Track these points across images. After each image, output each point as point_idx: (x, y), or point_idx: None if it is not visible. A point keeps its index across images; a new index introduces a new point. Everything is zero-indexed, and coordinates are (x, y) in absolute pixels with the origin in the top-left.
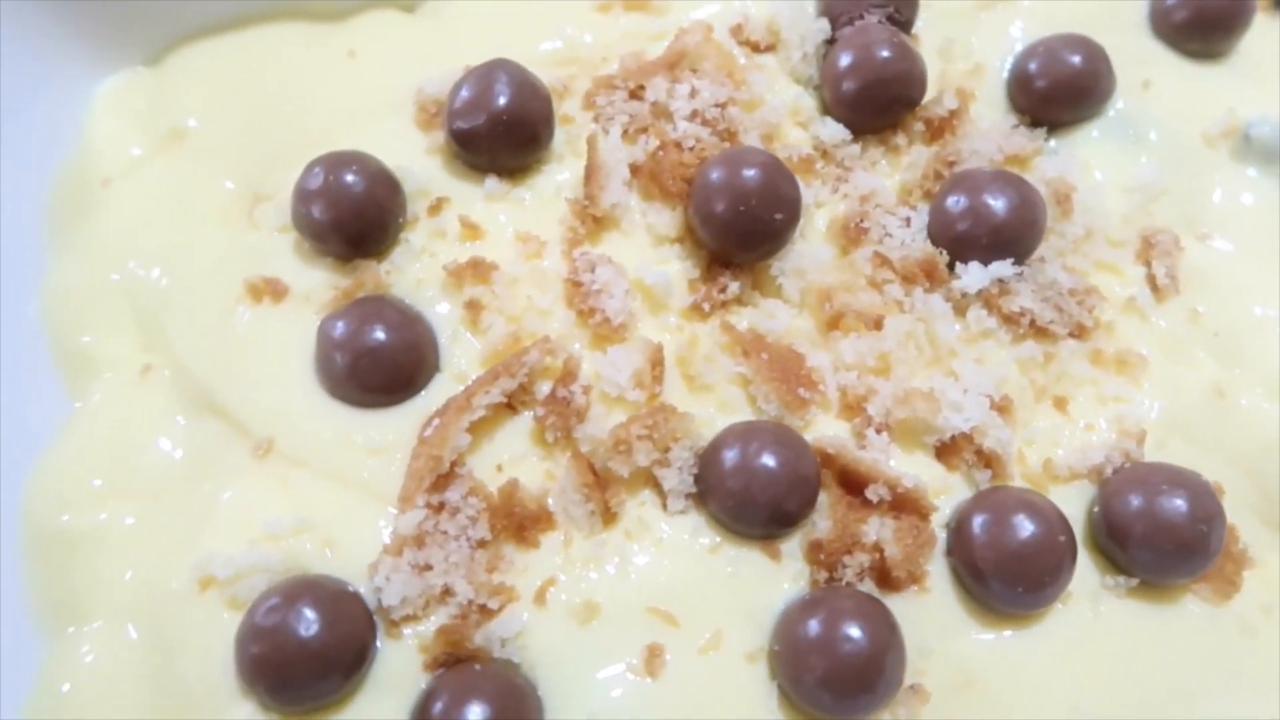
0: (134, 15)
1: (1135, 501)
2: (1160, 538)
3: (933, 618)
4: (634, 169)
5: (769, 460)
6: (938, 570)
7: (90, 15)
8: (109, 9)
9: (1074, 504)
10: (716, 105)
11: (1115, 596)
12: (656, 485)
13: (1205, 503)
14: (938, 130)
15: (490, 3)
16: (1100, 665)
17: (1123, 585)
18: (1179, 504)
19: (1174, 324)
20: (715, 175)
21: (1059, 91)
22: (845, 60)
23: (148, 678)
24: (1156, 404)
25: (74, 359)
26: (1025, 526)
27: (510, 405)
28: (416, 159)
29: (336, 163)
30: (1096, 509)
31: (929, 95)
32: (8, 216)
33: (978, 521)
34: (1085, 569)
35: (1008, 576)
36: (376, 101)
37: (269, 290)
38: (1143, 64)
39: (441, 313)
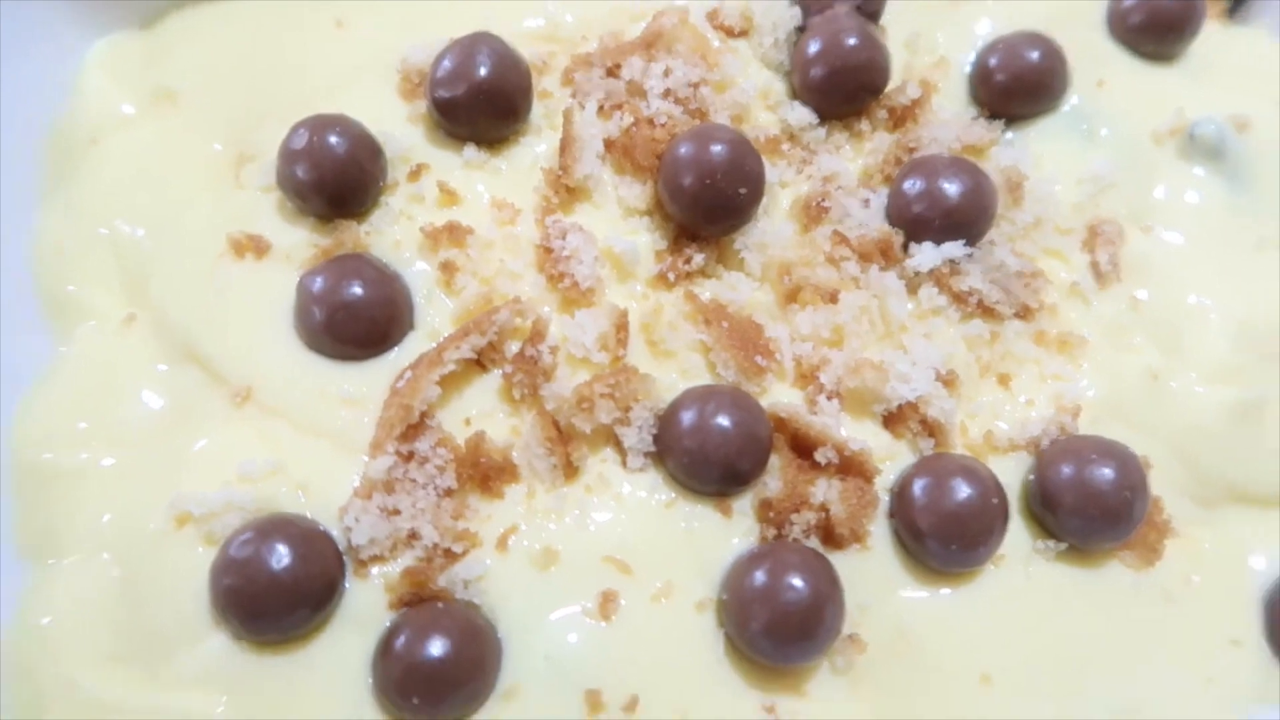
0: None
1: (1066, 470)
2: (1088, 504)
3: (873, 574)
4: (608, 143)
5: (724, 422)
6: (880, 531)
7: None
8: None
9: (1011, 473)
10: (689, 85)
11: (1045, 560)
12: (617, 443)
13: (1131, 472)
14: (900, 118)
15: None
16: (1029, 624)
17: (1052, 549)
18: (1106, 472)
19: (1115, 310)
20: (684, 150)
21: (1017, 85)
22: (814, 47)
23: (125, 610)
24: (1094, 384)
25: (59, 306)
26: (962, 489)
27: (480, 363)
28: (398, 125)
29: (320, 125)
30: (1031, 477)
31: (893, 84)
32: (2, 166)
33: (919, 484)
34: (1019, 534)
35: (943, 535)
36: (362, 69)
37: (252, 246)
38: (1099, 63)
39: (417, 272)
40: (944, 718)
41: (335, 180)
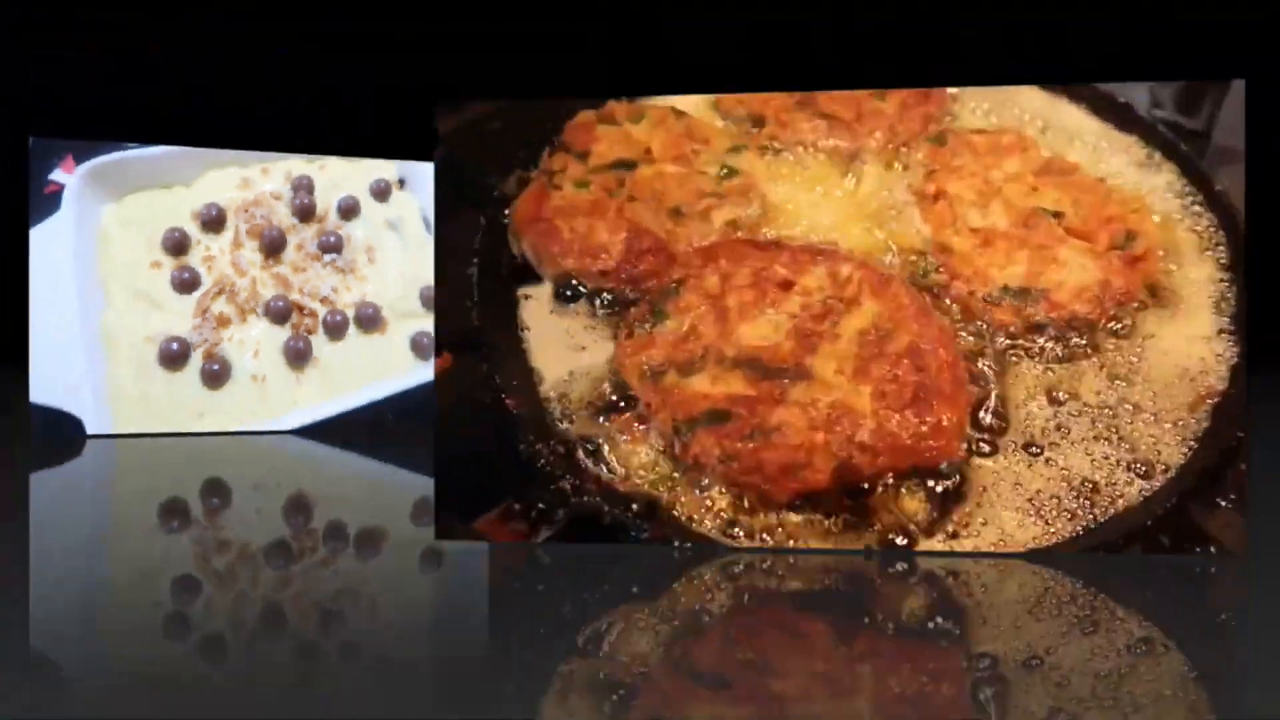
0: (112, 186)
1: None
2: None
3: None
4: (247, 230)
5: (280, 302)
6: None
7: (106, 185)
8: (109, 184)
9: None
10: (272, 223)
11: None
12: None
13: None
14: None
15: (215, 182)
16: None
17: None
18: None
19: (380, 271)
20: (266, 233)
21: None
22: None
23: (141, 360)
24: (372, 290)
25: (106, 288)
26: None
27: (221, 292)
28: (196, 233)
29: (173, 231)
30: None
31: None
32: (79, 261)
33: None
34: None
35: None
36: (191, 215)
37: (159, 266)
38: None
39: (204, 270)
40: None
41: (179, 247)
